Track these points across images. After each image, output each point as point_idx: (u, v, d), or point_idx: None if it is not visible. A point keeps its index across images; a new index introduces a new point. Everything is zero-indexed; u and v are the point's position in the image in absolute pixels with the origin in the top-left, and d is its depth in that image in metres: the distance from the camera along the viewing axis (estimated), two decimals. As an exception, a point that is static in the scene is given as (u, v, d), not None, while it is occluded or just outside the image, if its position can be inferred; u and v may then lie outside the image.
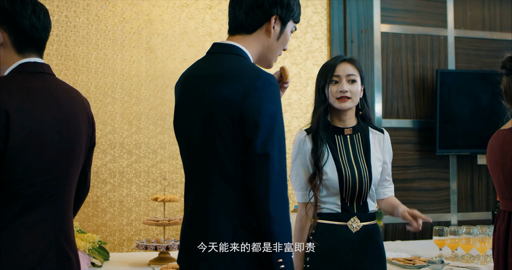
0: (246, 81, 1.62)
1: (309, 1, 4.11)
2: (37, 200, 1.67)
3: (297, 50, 4.07)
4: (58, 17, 3.67)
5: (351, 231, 2.30)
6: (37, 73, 1.77)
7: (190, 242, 1.67)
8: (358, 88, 2.37)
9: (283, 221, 1.59)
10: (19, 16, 1.76)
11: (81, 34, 3.70)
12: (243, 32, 1.78)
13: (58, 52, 3.66)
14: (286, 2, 1.80)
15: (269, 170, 1.58)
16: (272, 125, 1.60)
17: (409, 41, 4.27)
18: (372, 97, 4.14)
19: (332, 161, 2.33)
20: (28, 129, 1.64)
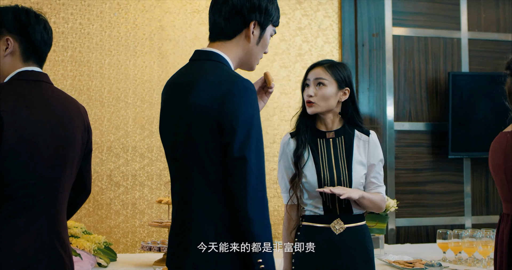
0: (223, 88, 1.70)
1: (320, 6, 4.21)
2: (29, 201, 1.80)
3: (308, 54, 4.18)
4: (72, 25, 3.84)
5: (334, 233, 2.35)
6: (34, 81, 1.91)
7: (176, 243, 1.77)
8: (327, 91, 2.39)
9: (262, 222, 1.66)
10: (32, 28, 1.93)
11: (95, 40, 3.87)
12: (223, 38, 1.85)
13: (73, 59, 3.83)
14: (264, 8, 1.86)
15: (246, 173, 1.65)
16: (249, 130, 1.67)
17: (422, 44, 4.34)
18: (384, 100, 4.22)
19: (312, 164, 2.39)
20: (21, 133, 1.77)
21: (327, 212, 2.37)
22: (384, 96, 4.22)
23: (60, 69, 3.80)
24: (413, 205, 4.29)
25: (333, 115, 2.45)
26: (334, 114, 2.45)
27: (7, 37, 1.91)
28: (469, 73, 4.32)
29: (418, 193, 4.28)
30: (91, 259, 2.73)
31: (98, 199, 3.78)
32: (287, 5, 4.14)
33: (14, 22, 1.92)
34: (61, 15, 3.82)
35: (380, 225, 3.23)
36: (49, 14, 3.80)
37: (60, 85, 3.78)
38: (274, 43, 4.10)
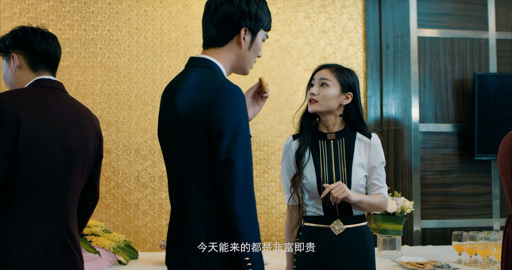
0: (211, 93, 1.81)
1: (344, 9, 4.32)
2: (41, 198, 1.99)
3: (332, 57, 4.29)
4: (101, 32, 4.06)
5: (334, 234, 2.46)
6: (50, 88, 2.14)
7: (172, 242, 1.90)
8: (330, 92, 2.52)
9: (249, 222, 1.76)
10: (30, 40, 2.18)
11: (123, 46, 4.08)
12: (215, 45, 1.96)
13: (102, 64, 4.05)
14: (254, 14, 1.97)
15: (233, 174, 1.75)
16: (235, 133, 1.78)
17: (448, 45, 4.39)
18: (409, 101, 4.29)
19: (311, 165, 2.50)
20: (36, 134, 1.98)
21: (327, 213, 2.48)
22: (409, 98, 4.29)
23: (90, 75, 4.03)
24: (440, 207, 4.34)
25: (335, 118, 2.56)
26: (335, 117, 2.56)
27: (12, 54, 2.18)
28: (495, 73, 4.34)
29: (444, 195, 4.33)
30: (110, 257, 2.92)
31: (126, 199, 3.98)
32: (311, 9, 4.26)
33: (14, 40, 2.19)
34: (91, 22, 4.05)
35: (396, 226, 3.32)
36: (79, 22, 4.03)
37: (90, 89, 4.00)
38: (298, 47, 4.23)
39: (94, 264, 2.82)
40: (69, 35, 4.02)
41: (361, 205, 2.46)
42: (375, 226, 3.39)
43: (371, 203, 2.49)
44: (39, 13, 4.00)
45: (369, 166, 2.55)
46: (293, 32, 4.24)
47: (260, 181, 4.11)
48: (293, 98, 4.20)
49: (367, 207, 2.49)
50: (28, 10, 3.99)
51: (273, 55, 4.21)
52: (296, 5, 4.25)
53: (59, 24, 4.01)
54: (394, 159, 4.24)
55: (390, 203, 3.31)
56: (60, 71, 3.97)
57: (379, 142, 2.59)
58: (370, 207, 2.51)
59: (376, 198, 2.53)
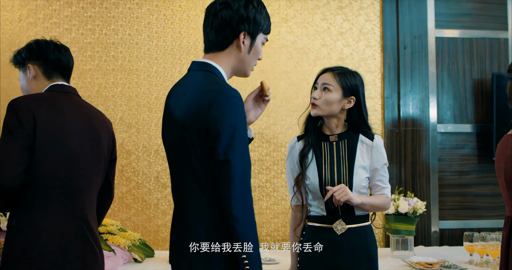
0: (210, 96, 1.89)
1: (362, 10, 4.38)
2: (60, 193, 2.15)
3: (349, 58, 4.35)
4: (122, 36, 4.20)
5: (336, 233, 2.53)
6: (64, 93, 2.31)
7: (173, 241, 2.00)
8: (331, 96, 2.58)
9: (246, 221, 1.84)
10: (44, 51, 2.37)
11: (143, 50, 4.21)
12: (215, 50, 2.04)
13: (122, 67, 4.19)
14: (253, 18, 2.04)
15: (230, 175, 1.83)
16: (233, 134, 1.85)
17: (466, 45, 4.42)
18: (427, 102, 4.33)
19: (314, 166, 2.57)
20: (51, 133, 2.15)
21: (330, 213, 2.55)
22: (426, 98, 4.33)
23: (111, 78, 4.17)
24: (458, 207, 4.37)
25: (337, 120, 2.63)
26: (338, 120, 2.63)
27: (28, 65, 2.36)
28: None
29: (463, 196, 4.36)
30: (125, 255, 3.06)
31: (146, 199, 4.12)
32: (328, 11, 4.33)
33: (30, 52, 2.38)
34: (112, 27, 4.19)
35: (408, 227, 3.38)
36: (100, 26, 4.17)
37: (111, 92, 4.15)
38: (315, 49, 4.31)
39: (109, 262, 2.95)
40: (90, 39, 4.17)
41: (364, 206, 2.53)
42: (388, 226, 3.46)
43: (373, 204, 2.56)
44: (62, 18, 4.16)
45: (372, 168, 2.60)
46: (310, 34, 4.32)
47: (278, 181, 4.20)
48: (310, 100, 4.28)
49: (370, 208, 2.56)
50: (51, 15, 4.16)
51: (290, 57, 4.29)
52: (313, 7, 4.33)
53: (81, 28, 4.17)
54: (411, 159, 4.29)
55: (402, 204, 3.37)
56: (82, 75, 4.13)
57: (381, 144, 2.64)
58: (373, 208, 2.57)
59: (379, 199, 2.59)
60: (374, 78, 4.35)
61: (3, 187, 2.06)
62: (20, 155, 2.09)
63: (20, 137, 2.11)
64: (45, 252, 2.10)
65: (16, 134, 2.11)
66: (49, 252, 2.11)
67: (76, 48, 4.15)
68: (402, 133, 4.30)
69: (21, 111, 2.14)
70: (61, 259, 2.12)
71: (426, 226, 4.27)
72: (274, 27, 4.22)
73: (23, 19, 4.14)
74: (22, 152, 2.10)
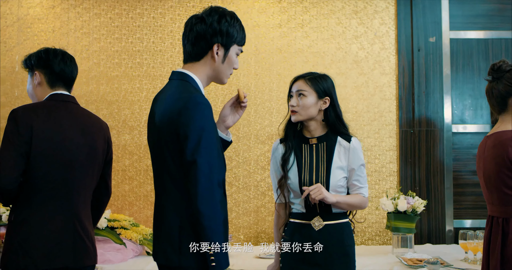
0: (181, 103, 2.15)
1: (376, 14, 4.57)
2: (55, 194, 2.46)
3: (364, 61, 4.55)
4: (146, 44, 4.55)
5: (314, 229, 2.74)
6: (63, 101, 2.61)
7: (154, 232, 2.28)
8: (307, 101, 2.79)
9: (211, 216, 2.09)
10: (51, 61, 2.65)
11: (166, 56, 4.55)
12: (192, 60, 2.31)
13: (147, 73, 4.53)
14: (225, 31, 2.28)
15: (197, 174, 2.08)
16: (199, 137, 2.10)
17: (482, 46, 4.54)
18: (441, 103, 4.48)
19: (295, 167, 2.79)
20: (47, 140, 2.46)
21: (308, 210, 2.77)
22: (441, 99, 4.48)
23: (137, 83, 4.53)
24: (473, 207, 4.50)
25: (316, 123, 2.85)
26: (316, 122, 2.85)
27: (36, 72, 2.66)
28: (527, 74, 4.44)
29: (478, 195, 4.48)
30: (136, 248, 3.39)
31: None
32: (343, 15, 4.55)
33: (38, 60, 2.67)
34: (137, 35, 4.54)
35: (407, 225, 3.57)
36: (127, 35, 4.54)
37: (136, 97, 4.50)
38: (331, 52, 4.53)
39: (118, 254, 3.30)
40: (117, 48, 4.54)
41: (339, 205, 2.75)
42: (389, 224, 3.66)
43: (349, 203, 2.77)
44: (91, 28, 4.55)
45: (349, 168, 2.80)
46: (325, 38, 4.55)
47: None
48: (326, 102, 4.51)
49: (346, 206, 2.78)
50: (82, 26, 4.55)
51: (306, 60, 4.53)
52: (328, 12, 4.56)
53: (109, 37, 4.54)
54: (426, 159, 4.46)
55: (401, 202, 3.57)
56: (110, 81, 4.50)
57: (358, 146, 2.84)
58: (349, 206, 2.78)
59: (355, 198, 2.80)
60: (389, 80, 4.54)
61: (3, 189, 2.41)
62: (17, 161, 2.42)
63: (17, 145, 2.43)
64: (38, 246, 2.42)
65: (14, 142, 2.43)
66: (41, 245, 2.42)
67: (104, 56, 4.53)
68: (416, 133, 4.47)
69: (19, 120, 2.47)
70: (53, 252, 2.43)
71: (440, 225, 4.43)
72: (290, 32, 4.50)
73: (57, 30, 4.54)
74: (18, 158, 2.42)
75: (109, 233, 3.41)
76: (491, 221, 2.73)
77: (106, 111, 4.50)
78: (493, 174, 2.68)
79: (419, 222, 4.37)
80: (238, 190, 4.46)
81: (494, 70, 2.80)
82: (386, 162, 4.50)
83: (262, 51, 4.54)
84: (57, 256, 2.44)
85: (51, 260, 2.42)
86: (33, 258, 2.40)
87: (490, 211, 2.76)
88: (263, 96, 4.51)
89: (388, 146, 4.52)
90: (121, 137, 4.49)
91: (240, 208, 4.46)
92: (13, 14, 4.56)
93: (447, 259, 3.38)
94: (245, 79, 4.52)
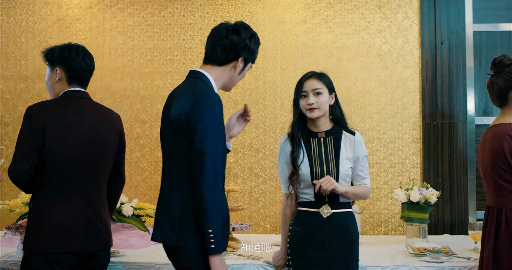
0: (194, 97, 2.43)
1: (400, 8, 4.68)
2: (67, 183, 2.73)
3: (387, 55, 4.68)
4: (177, 41, 4.80)
5: (322, 217, 2.96)
6: (74, 98, 2.86)
7: (156, 214, 2.54)
8: (324, 98, 3.01)
9: (213, 201, 2.34)
10: (72, 60, 2.89)
11: (195, 53, 4.79)
12: (214, 63, 2.62)
13: (178, 69, 4.79)
14: (252, 49, 2.64)
15: (204, 163, 2.34)
16: (207, 129, 2.37)
17: (506, 38, 4.59)
18: (464, 95, 4.56)
19: (306, 160, 2.99)
20: (59, 135, 2.71)
21: (318, 199, 2.98)
22: (464, 92, 4.57)
23: (168, 79, 4.79)
24: (497, 198, 4.57)
25: (324, 118, 3.06)
26: (325, 117, 3.06)
27: (57, 68, 2.89)
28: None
29: (502, 187, 4.56)
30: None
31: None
32: (367, 10, 4.69)
33: (60, 57, 2.90)
34: (168, 33, 4.81)
35: (420, 215, 3.70)
36: (158, 33, 4.81)
37: (168, 92, 4.67)
38: (355, 46, 4.68)
39: (142, 240, 3.58)
40: (150, 45, 4.81)
41: (347, 195, 2.96)
42: (403, 214, 3.80)
43: (355, 193, 2.99)
44: (125, 27, 4.84)
45: (354, 158, 3.02)
46: (349, 33, 4.70)
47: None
48: (350, 95, 4.66)
49: (352, 196, 2.99)
50: (117, 25, 4.84)
51: (330, 55, 4.70)
52: (352, 8, 4.70)
53: (142, 36, 4.82)
54: (449, 151, 4.56)
55: (413, 193, 3.71)
56: (143, 77, 4.78)
57: (361, 139, 3.06)
58: (355, 196, 3.00)
59: (360, 188, 3.02)
60: (412, 73, 4.65)
61: (15, 179, 2.70)
62: (29, 155, 2.69)
63: (30, 140, 2.70)
64: (51, 231, 2.69)
65: (27, 138, 2.71)
66: (55, 231, 2.70)
67: (138, 53, 4.81)
68: (439, 126, 4.57)
69: (33, 117, 2.73)
70: (65, 236, 2.71)
71: (463, 216, 4.53)
72: (315, 27, 4.68)
73: (93, 29, 4.85)
74: (30, 153, 2.69)
75: (134, 220, 3.69)
76: (488, 211, 2.86)
77: (139, 105, 4.79)
78: (489, 166, 2.81)
79: (441, 213, 4.49)
80: (264, 181, 4.67)
81: (495, 65, 2.91)
82: (410, 154, 4.63)
83: (288, 46, 4.73)
84: (69, 241, 2.71)
85: (63, 244, 2.70)
86: (47, 242, 2.68)
87: (488, 201, 2.89)
88: (289, 90, 4.70)
89: (412, 138, 4.64)
90: (153, 130, 4.76)
91: (266, 198, 4.67)
92: (53, 15, 4.89)
93: (457, 248, 3.50)
94: (271, 74, 4.72)
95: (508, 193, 2.74)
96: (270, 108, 4.71)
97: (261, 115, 4.71)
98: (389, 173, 4.63)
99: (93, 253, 2.81)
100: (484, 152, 2.87)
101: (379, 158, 4.64)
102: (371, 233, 4.59)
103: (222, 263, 2.42)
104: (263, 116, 4.71)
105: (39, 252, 2.70)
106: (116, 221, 3.79)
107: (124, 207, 3.83)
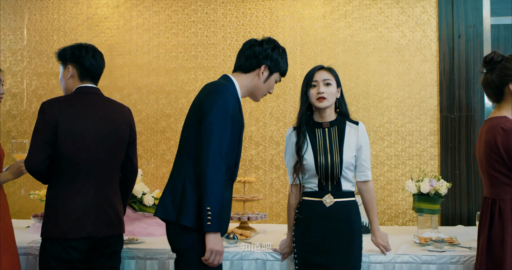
0: (213, 87, 2.75)
1: (418, 3, 4.77)
2: (80, 175, 2.95)
3: (405, 49, 4.78)
4: (200, 37, 5.00)
5: (325, 206, 3.11)
6: (86, 93, 3.08)
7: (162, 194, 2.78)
8: (333, 90, 3.16)
9: (214, 180, 2.58)
10: (83, 58, 3.10)
11: (218, 49, 4.99)
12: (241, 71, 2.93)
13: (201, 65, 4.99)
14: (275, 58, 2.93)
15: (210, 145, 2.59)
16: (216, 115, 2.63)
17: (524, 31, 4.66)
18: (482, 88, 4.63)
19: (310, 150, 3.14)
20: (70, 129, 2.93)
21: (321, 188, 3.14)
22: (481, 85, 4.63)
23: (192, 74, 5.00)
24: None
25: (330, 109, 3.22)
26: (331, 109, 3.22)
27: (69, 66, 3.12)
28: None
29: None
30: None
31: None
32: (385, 5, 4.79)
33: (72, 55, 3.12)
34: (192, 30, 5.01)
35: (431, 206, 3.82)
36: (182, 30, 5.02)
37: (192, 87, 4.98)
38: (373, 41, 4.80)
39: (160, 228, 3.80)
40: (174, 42, 5.02)
41: None
42: (414, 205, 3.92)
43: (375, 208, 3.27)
44: (151, 25, 5.06)
45: (357, 147, 3.17)
46: (367, 27, 4.82)
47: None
48: (368, 88, 4.79)
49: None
50: (143, 23, 5.07)
51: (348, 49, 4.83)
52: (370, 3, 4.81)
53: (166, 33, 5.04)
54: (466, 144, 4.64)
55: (423, 185, 3.82)
56: (168, 72, 5.01)
57: (364, 129, 3.22)
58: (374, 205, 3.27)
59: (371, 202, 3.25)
60: (430, 67, 4.75)
61: (32, 171, 2.94)
62: (43, 148, 2.91)
63: (44, 134, 2.92)
64: (65, 218, 2.92)
65: (41, 132, 2.93)
66: (68, 218, 2.92)
67: (163, 49, 5.03)
68: (457, 118, 4.66)
69: (47, 112, 2.95)
70: (78, 223, 2.93)
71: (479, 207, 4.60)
72: (333, 23, 4.84)
73: (121, 27, 5.09)
74: (44, 146, 2.92)
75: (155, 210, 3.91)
76: (484, 202, 2.97)
77: (165, 100, 5.01)
78: (484, 158, 2.92)
79: (458, 204, 4.59)
80: (285, 172, 4.84)
81: (487, 62, 3.02)
82: (427, 147, 4.73)
83: (307, 41, 4.88)
84: (82, 227, 2.94)
85: (77, 230, 2.93)
86: (62, 228, 2.92)
87: (484, 192, 3.01)
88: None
89: (429, 131, 4.74)
90: (178, 124, 4.98)
91: (287, 189, 4.84)
92: (83, 14, 5.15)
93: (463, 239, 3.61)
94: (291, 69, 4.85)
95: (501, 184, 2.85)
96: (290, 101, 4.87)
97: (282, 108, 4.88)
98: (407, 165, 4.74)
99: (105, 240, 3.04)
100: (480, 145, 2.98)
101: (397, 151, 4.76)
102: (389, 224, 4.72)
103: (217, 241, 2.62)
104: (283, 110, 4.88)
105: (54, 238, 2.93)
106: (138, 210, 4.02)
107: (145, 197, 4.06)
